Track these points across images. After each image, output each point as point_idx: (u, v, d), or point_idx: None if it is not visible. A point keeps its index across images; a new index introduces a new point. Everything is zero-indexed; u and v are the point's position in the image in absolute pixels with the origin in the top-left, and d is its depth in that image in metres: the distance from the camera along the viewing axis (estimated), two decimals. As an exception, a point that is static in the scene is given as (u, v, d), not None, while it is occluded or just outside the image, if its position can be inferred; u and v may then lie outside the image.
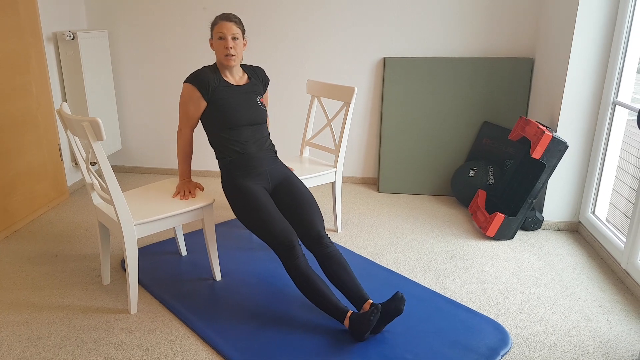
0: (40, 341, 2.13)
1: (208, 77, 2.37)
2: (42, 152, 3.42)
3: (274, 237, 2.21)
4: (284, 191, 2.42)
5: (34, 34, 3.31)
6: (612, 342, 2.14)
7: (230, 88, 2.42)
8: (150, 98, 4.10)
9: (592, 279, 2.64)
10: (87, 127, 1.97)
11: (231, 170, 2.40)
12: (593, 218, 3.04)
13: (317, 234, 2.28)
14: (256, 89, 2.51)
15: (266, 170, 2.44)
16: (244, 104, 2.42)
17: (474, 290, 2.52)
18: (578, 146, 3.06)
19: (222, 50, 2.35)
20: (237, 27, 2.36)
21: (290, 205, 2.37)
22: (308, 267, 2.18)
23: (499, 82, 3.63)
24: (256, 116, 2.44)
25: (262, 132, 2.49)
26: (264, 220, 2.24)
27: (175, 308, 2.34)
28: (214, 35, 2.37)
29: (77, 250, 2.92)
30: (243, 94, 2.44)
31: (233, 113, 2.38)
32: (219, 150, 2.44)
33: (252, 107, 2.44)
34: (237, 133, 2.40)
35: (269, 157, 2.47)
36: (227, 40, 2.33)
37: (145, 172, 4.32)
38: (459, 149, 3.76)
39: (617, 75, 2.85)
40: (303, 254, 2.22)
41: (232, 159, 2.40)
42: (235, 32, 2.35)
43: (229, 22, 2.34)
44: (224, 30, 2.33)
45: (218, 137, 2.42)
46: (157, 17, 3.89)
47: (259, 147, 2.44)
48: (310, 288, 2.15)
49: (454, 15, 3.60)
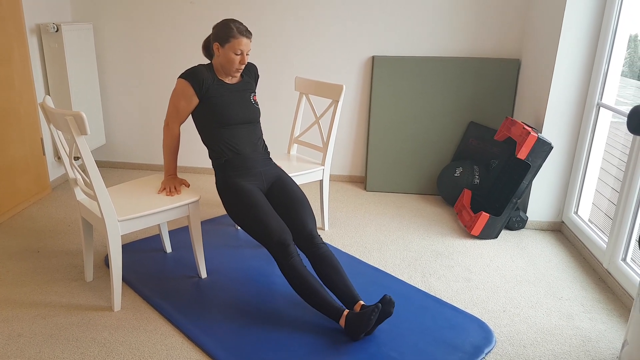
0: (21, 338, 2.09)
1: (203, 75, 2.36)
2: (24, 146, 3.36)
3: (269, 236, 2.19)
4: (277, 190, 2.42)
5: (16, 25, 3.24)
6: (594, 340, 2.17)
7: (224, 86, 2.41)
8: (135, 92, 4.05)
9: (574, 278, 2.68)
10: (70, 121, 1.94)
11: (226, 170, 2.39)
12: (576, 218, 3.08)
13: (309, 234, 2.27)
14: (249, 87, 2.50)
15: (260, 171, 2.43)
16: (238, 101, 2.41)
17: (458, 289, 2.54)
18: (562, 147, 3.10)
19: (235, 64, 2.34)
20: (250, 42, 2.38)
21: (282, 205, 2.36)
22: (303, 267, 2.17)
23: (485, 83, 3.65)
24: (250, 114, 2.44)
25: (257, 132, 2.48)
26: (260, 219, 2.23)
27: (160, 306, 2.32)
28: (228, 47, 2.31)
29: (60, 246, 2.88)
30: (236, 92, 2.43)
31: (227, 111, 2.37)
32: (214, 149, 2.42)
33: (246, 105, 2.43)
34: (231, 132, 2.39)
35: (263, 159, 2.47)
36: (244, 57, 2.34)
37: (130, 167, 4.27)
38: (446, 149, 3.78)
39: (602, 78, 2.89)
40: (297, 253, 2.21)
41: (227, 159, 2.39)
42: (250, 47, 2.37)
43: (247, 39, 2.33)
44: (243, 48, 2.32)
45: (213, 136, 2.40)
46: (143, 10, 3.84)
47: (253, 148, 2.44)
48: (305, 287, 2.14)
49: (442, 16, 3.62)
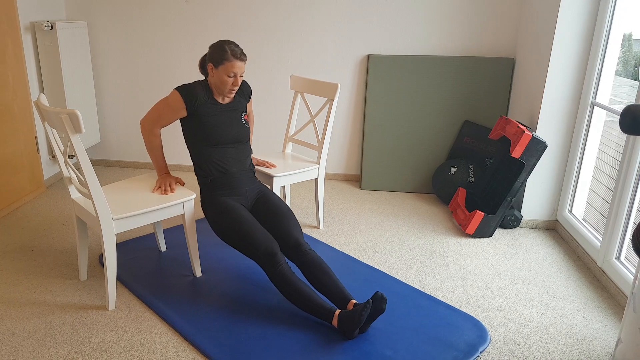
0: (15, 337, 2.08)
1: (198, 92, 2.36)
2: (18, 144, 3.34)
3: (255, 247, 2.23)
4: (261, 205, 2.46)
5: (10, 23, 3.22)
6: (588, 338, 2.18)
7: (217, 106, 2.42)
8: (130, 90, 4.04)
9: (568, 276, 2.69)
10: (65, 119, 1.93)
11: (212, 189, 2.43)
12: (570, 217, 3.10)
13: (296, 242, 2.30)
14: (241, 106, 2.52)
15: (246, 190, 2.47)
16: (228, 121, 2.43)
17: (453, 287, 2.55)
18: (557, 146, 3.11)
19: (227, 85, 2.35)
20: (245, 65, 2.37)
21: (267, 218, 2.40)
22: (291, 273, 2.20)
23: (480, 82, 3.66)
24: (239, 134, 2.46)
25: (245, 151, 2.51)
26: (245, 232, 2.26)
27: (155, 304, 2.31)
28: (222, 69, 2.32)
29: (54, 244, 2.86)
30: (227, 112, 2.45)
31: (217, 130, 2.39)
32: (201, 167, 2.45)
33: (236, 125, 2.45)
34: (220, 151, 2.42)
35: (248, 177, 2.50)
36: (237, 79, 2.35)
37: (125, 166, 4.25)
38: (440, 147, 3.79)
39: (596, 77, 2.90)
40: (285, 261, 2.23)
41: (214, 178, 2.42)
42: (244, 70, 2.37)
43: (241, 62, 2.34)
44: (236, 71, 2.33)
45: (201, 154, 2.42)
46: (137, 9, 3.83)
47: (240, 167, 2.47)
48: (295, 293, 2.16)
49: (437, 15, 3.62)
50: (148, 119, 2.44)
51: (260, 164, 2.91)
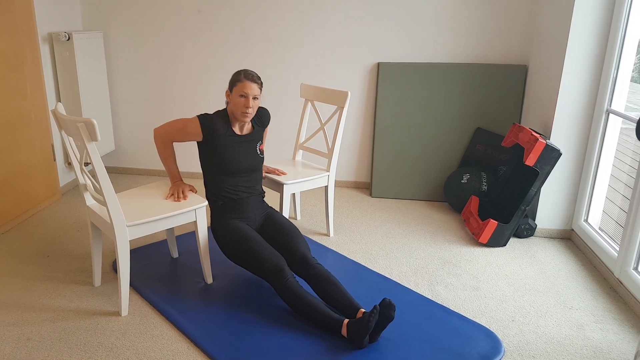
0: (30, 342, 2.10)
1: (218, 125, 2.41)
2: (34, 152, 3.39)
3: (263, 264, 2.27)
4: (268, 226, 2.52)
5: (29, 34, 3.29)
6: (605, 351, 2.14)
7: (234, 138, 2.47)
8: (144, 99, 4.09)
9: (584, 287, 2.65)
10: (81, 127, 1.96)
11: (222, 212, 2.49)
12: (586, 226, 3.05)
13: (302, 256, 2.35)
14: (257, 137, 2.57)
15: (254, 214, 2.54)
16: (244, 152, 2.49)
17: (466, 297, 2.52)
18: (571, 154, 3.07)
19: (240, 107, 2.39)
20: (259, 88, 2.41)
21: (274, 237, 2.46)
22: (298, 286, 2.24)
23: (492, 89, 3.64)
24: (253, 165, 2.53)
25: (257, 179, 2.57)
26: (253, 250, 2.31)
27: (166, 311, 2.32)
28: (235, 90, 2.39)
29: (69, 251, 2.90)
30: (244, 143, 2.50)
31: (232, 162, 2.45)
32: (212, 193, 2.51)
33: (251, 156, 2.51)
34: (233, 180, 2.48)
35: (257, 202, 2.57)
36: (248, 100, 2.38)
37: (138, 173, 4.30)
38: (452, 155, 3.77)
39: (611, 84, 2.87)
40: (293, 276, 2.27)
41: (224, 202, 2.49)
42: (257, 93, 2.40)
43: (253, 84, 2.38)
44: (247, 91, 2.37)
45: (214, 181, 2.49)
46: (151, 19, 3.88)
47: (250, 193, 2.53)
48: (303, 305, 2.19)
49: (448, 22, 3.62)
50: (163, 131, 2.48)
51: (270, 171, 2.92)
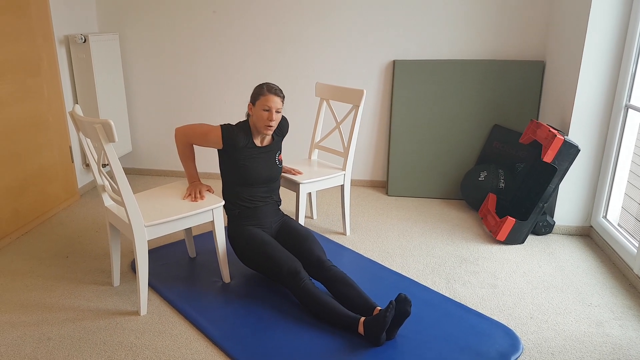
0: (51, 342, 2.14)
1: (239, 138, 2.44)
2: (53, 153, 3.44)
3: (279, 268, 2.30)
4: (283, 232, 2.55)
5: (45, 36, 3.34)
6: (625, 348, 2.11)
7: (254, 150, 2.50)
8: (160, 100, 4.12)
9: (603, 284, 2.61)
10: (99, 129, 1.99)
11: (238, 219, 2.52)
12: (605, 223, 3.01)
13: (318, 259, 2.37)
14: (276, 147, 2.60)
15: (270, 221, 2.57)
16: (263, 163, 2.51)
17: (484, 295, 2.50)
18: (590, 150, 3.03)
19: (264, 120, 2.41)
20: (281, 101, 2.44)
21: (289, 242, 2.49)
22: (315, 288, 2.26)
23: (509, 85, 3.61)
24: (272, 175, 2.56)
25: (275, 188, 2.60)
26: (269, 254, 2.35)
27: (185, 310, 2.34)
28: (258, 104, 2.41)
29: (88, 251, 2.94)
30: (264, 154, 2.52)
31: (251, 173, 2.48)
32: (230, 201, 2.54)
33: (270, 167, 2.54)
34: (251, 190, 2.51)
35: (273, 210, 2.60)
36: (271, 114, 2.40)
37: (155, 174, 4.34)
38: (469, 152, 3.74)
39: (630, 79, 2.82)
40: (309, 278, 2.29)
41: (240, 211, 2.52)
42: (280, 106, 2.43)
43: (277, 97, 2.41)
44: (270, 105, 2.39)
45: (233, 190, 2.52)
46: (167, 20, 3.91)
47: (267, 202, 2.56)
48: (319, 306, 2.21)
49: (464, 18, 3.59)
50: (184, 132, 2.51)
51: (286, 171, 2.93)
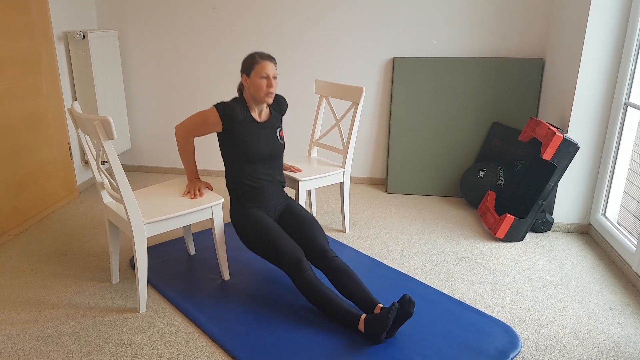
0: (50, 339, 2.14)
1: (236, 112, 2.39)
2: (52, 150, 3.44)
3: (281, 256, 2.27)
4: (287, 216, 2.50)
5: (44, 33, 3.33)
6: (623, 345, 2.12)
7: (253, 124, 2.45)
8: (160, 97, 4.12)
9: (602, 281, 2.62)
10: (98, 126, 1.98)
11: (242, 200, 2.47)
12: (604, 220, 3.02)
13: (321, 249, 2.33)
14: (277, 123, 2.55)
15: (274, 203, 2.52)
16: (264, 139, 2.47)
17: (483, 292, 2.51)
18: (589, 148, 3.04)
19: (263, 89, 2.37)
20: (275, 67, 2.40)
21: (293, 228, 2.45)
22: (317, 280, 2.23)
23: (508, 83, 3.60)
24: (274, 151, 2.51)
25: (278, 166, 2.55)
26: (272, 241, 2.31)
27: (184, 307, 2.34)
28: (254, 74, 2.36)
29: (87, 248, 2.93)
30: (264, 130, 2.48)
31: (253, 148, 2.43)
32: (233, 181, 2.49)
33: (272, 143, 2.49)
34: (254, 168, 2.46)
35: (278, 191, 2.55)
36: (270, 80, 2.37)
37: (155, 171, 4.33)
38: (468, 150, 3.74)
39: (629, 77, 2.82)
40: (311, 268, 2.26)
41: (245, 191, 2.46)
42: (276, 72, 2.40)
43: (271, 63, 2.38)
44: (268, 71, 2.35)
45: (235, 169, 2.47)
46: (166, 17, 3.90)
47: (271, 182, 2.51)
48: (321, 299, 2.19)
49: (463, 15, 3.59)
50: (183, 127, 2.48)
51: (286, 168, 2.93)
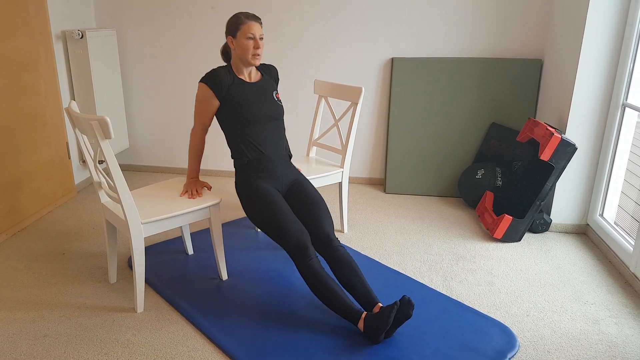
0: (47, 339, 2.13)
1: (222, 76, 2.37)
2: (49, 150, 3.43)
3: (287, 239, 2.21)
4: (295, 193, 2.43)
5: (43, 32, 3.32)
6: (620, 345, 2.12)
7: (244, 85, 2.42)
8: (158, 97, 4.11)
9: (600, 282, 2.62)
10: (95, 125, 1.98)
11: (248, 171, 2.42)
12: (601, 221, 3.02)
13: (326, 236, 2.28)
14: (270, 85, 2.52)
15: (281, 173, 2.45)
16: (260, 98, 2.43)
17: (481, 293, 2.51)
18: (587, 148, 3.04)
19: (250, 49, 2.35)
20: (262, 27, 2.38)
21: (300, 207, 2.37)
22: (321, 268, 2.18)
23: (507, 84, 3.61)
24: (272, 111, 2.45)
25: (280, 131, 2.50)
26: (279, 222, 2.24)
27: (182, 307, 2.34)
28: (240, 34, 2.34)
29: (84, 248, 2.93)
30: (257, 90, 2.45)
31: (250, 107, 2.38)
32: (237, 149, 2.43)
33: (268, 102, 2.45)
34: (255, 130, 2.40)
35: (284, 161, 2.49)
36: (257, 41, 2.35)
37: (153, 171, 4.33)
38: (467, 150, 3.74)
39: (627, 77, 2.83)
40: (316, 256, 2.22)
41: (250, 159, 2.41)
42: (262, 32, 2.38)
43: (257, 23, 2.36)
44: (254, 32, 2.34)
45: (237, 134, 2.42)
46: (165, 16, 3.90)
47: (276, 150, 2.45)
48: (323, 290, 2.14)
49: (462, 16, 3.59)
50: (194, 120, 2.48)
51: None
